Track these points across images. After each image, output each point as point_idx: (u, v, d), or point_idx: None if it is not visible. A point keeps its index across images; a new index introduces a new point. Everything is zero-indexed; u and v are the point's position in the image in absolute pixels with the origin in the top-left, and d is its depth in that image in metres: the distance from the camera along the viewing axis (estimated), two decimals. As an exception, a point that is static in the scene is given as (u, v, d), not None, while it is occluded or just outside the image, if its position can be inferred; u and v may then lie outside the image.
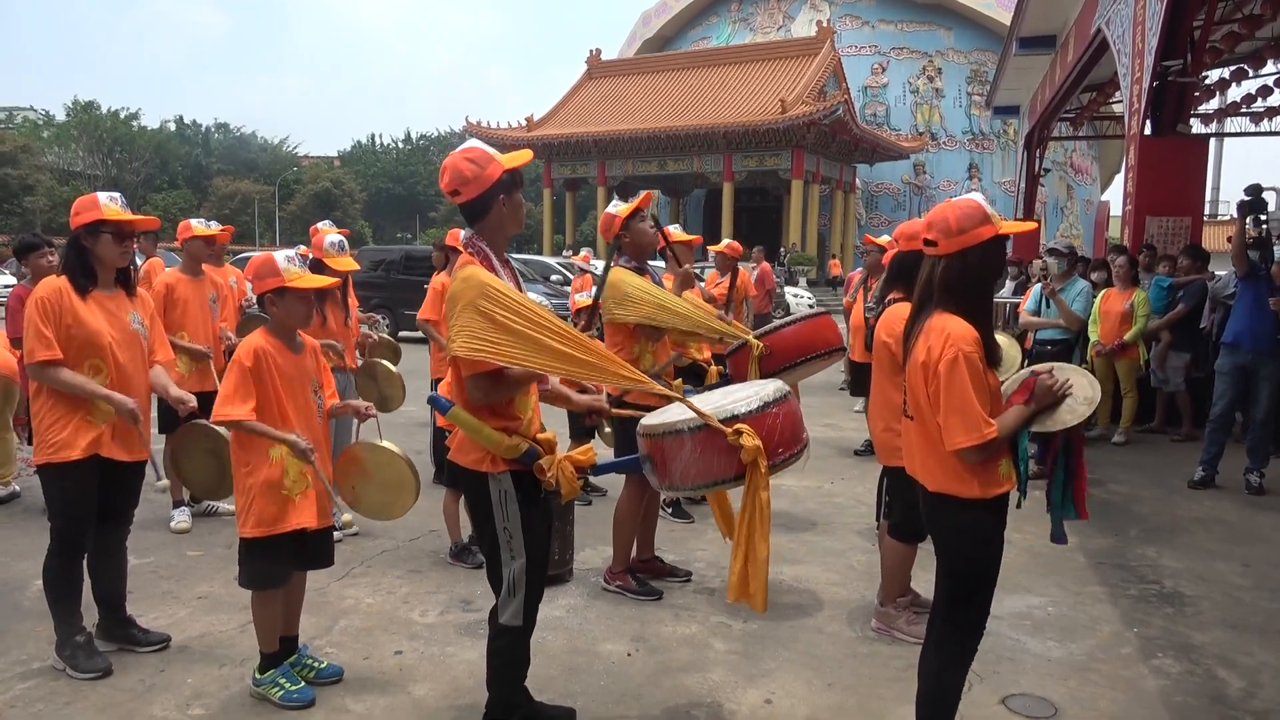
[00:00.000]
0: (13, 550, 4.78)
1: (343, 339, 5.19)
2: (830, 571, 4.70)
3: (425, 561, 4.77)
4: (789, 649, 3.73)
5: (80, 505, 3.34)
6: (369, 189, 61.91)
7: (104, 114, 54.69)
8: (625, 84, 40.43)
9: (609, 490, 6.10)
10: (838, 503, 6.13)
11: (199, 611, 4.03)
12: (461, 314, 2.53)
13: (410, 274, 16.19)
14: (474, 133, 39.22)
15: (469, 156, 2.66)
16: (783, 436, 2.76)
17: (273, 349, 3.14)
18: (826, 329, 4.42)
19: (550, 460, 2.73)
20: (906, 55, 42.69)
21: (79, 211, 3.36)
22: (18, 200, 45.30)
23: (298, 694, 3.17)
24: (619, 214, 4.21)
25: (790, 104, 32.86)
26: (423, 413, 7.72)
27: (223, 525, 5.33)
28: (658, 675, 3.49)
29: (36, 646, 3.59)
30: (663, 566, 4.54)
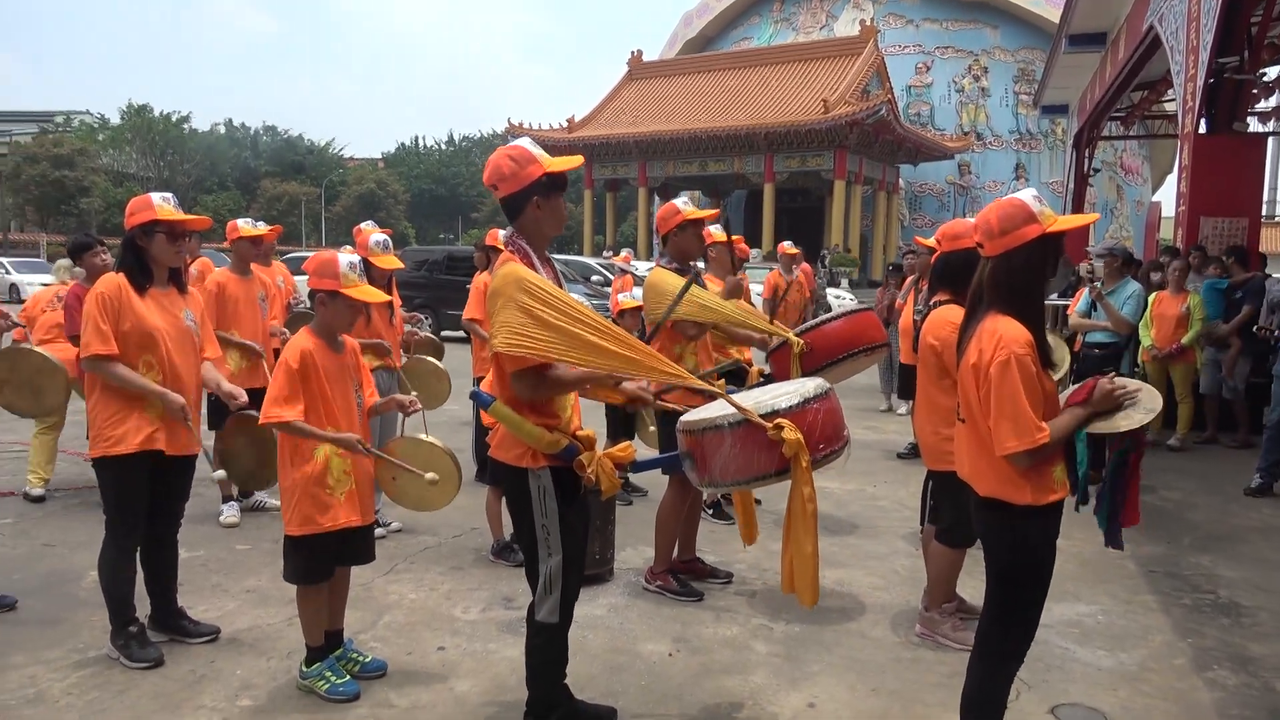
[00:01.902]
0: (69, 541, 4.91)
1: (387, 337, 5.25)
2: (873, 575, 4.65)
3: (467, 559, 4.81)
4: (832, 653, 3.70)
5: (134, 499, 3.42)
6: (412, 190, 62.65)
7: (157, 117, 55.98)
8: (666, 85, 40.43)
9: (650, 490, 6.10)
10: (881, 506, 6.06)
11: (247, 604, 4.10)
12: (503, 310, 2.55)
13: (452, 274, 16.34)
14: (516, 134, 39.42)
15: (511, 154, 2.68)
16: (824, 432, 2.73)
17: (316, 349, 3.18)
18: (869, 325, 4.36)
19: (590, 457, 2.73)
20: (952, 54, 42.14)
21: (133, 212, 3.44)
22: (74, 201, 46.58)
23: (343, 687, 3.21)
24: (685, 214, 4.17)
25: (833, 104, 32.61)
26: (465, 411, 7.77)
27: (270, 520, 5.42)
28: (699, 676, 3.47)
29: (92, 635, 3.68)
30: (704, 568, 4.52)
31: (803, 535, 2.71)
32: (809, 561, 2.72)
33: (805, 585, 2.74)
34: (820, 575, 2.89)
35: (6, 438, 7.26)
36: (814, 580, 2.74)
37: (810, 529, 2.70)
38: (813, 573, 2.73)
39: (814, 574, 2.74)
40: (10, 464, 6.52)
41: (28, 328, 5.70)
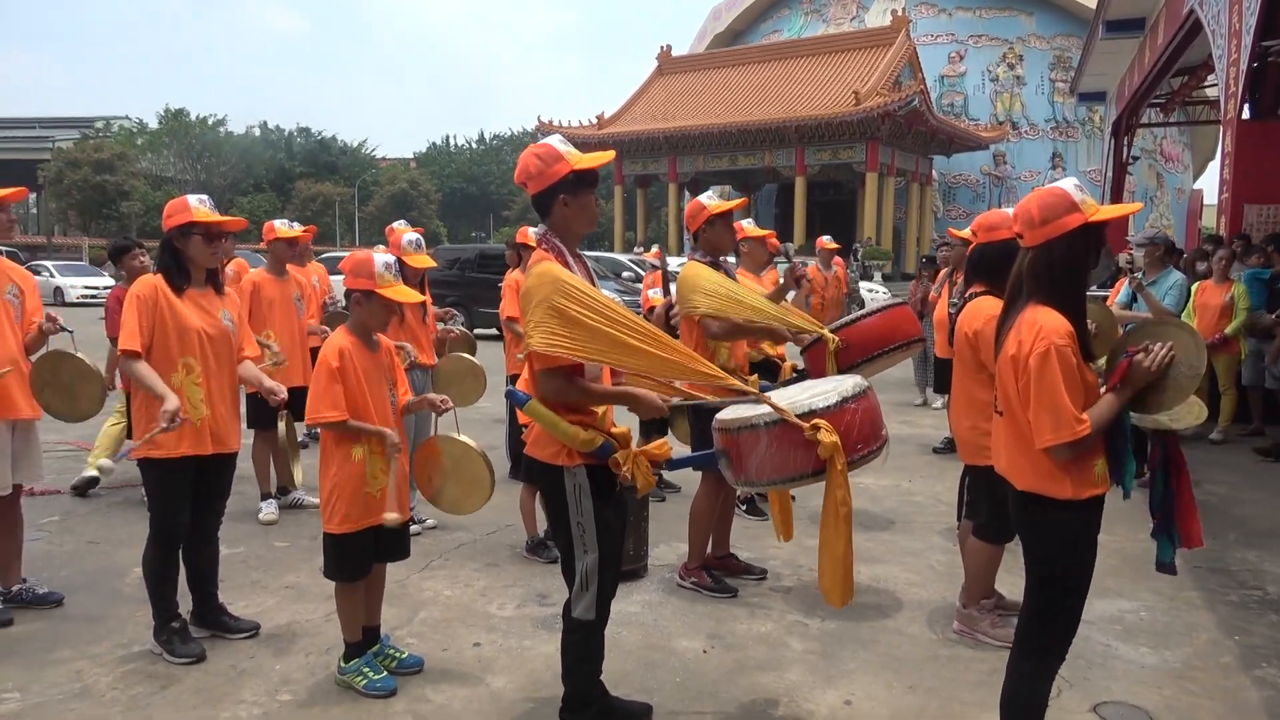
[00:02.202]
0: (113, 538, 5.00)
1: (420, 336, 5.28)
2: (909, 572, 4.60)
3: (502, 555, 4.83)
4: (868, 650, 3.66)
5: (176, 499, 3.47)
6: (444, 189, 63.10)
7: (193, 121, 56.90)
8: (696, 79, 40.31)
9: (683, 487, 6.09)
10: (916, 501, 6.00)
11: (286, 600, 4.15)
12: (537, 309, 2.55)
13: (484, 272, 16.44)
14: (546, 131, 39.52)
15: (538, 153, 2.68)
16: (861, 432, 2.70)
17: (352, 347, 3.21)
18: (904, 320, 4.30)
19: (625, 454, 2.73)
20: (985, 43, 41.57)
21: (171, 214, 3.49)
22: (115, 205, 47.50)
23: (380, 683, 3.24)
24: (711, 209, 4.16)
25: (864, 96, 32.33)
26: (499, 408, 7.82)
27: (308, 517, 5.49)
28: (734, 673, 3.46)
29: (136, 631, 3.74)
30: (738, 564, 4.51)
31: (834, 537, 2.69)
32: (840, 563, 2.71)
33: (835, 585, 2.73)
34: (855, 572, 2.87)
35: (51, 437, 7.42)
36: (844, 581, 2.72)
37: (843, 532, 2.68)
38: (844, 573, 2.71)
39: (845, 575, 2.72)
40: (56, 463, 6.66)
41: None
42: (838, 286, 9.76)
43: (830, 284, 9.60)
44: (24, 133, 69.56)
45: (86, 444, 7.31)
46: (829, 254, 9.69)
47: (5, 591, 3.99)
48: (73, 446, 7.29)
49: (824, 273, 9.67)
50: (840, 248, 10.08)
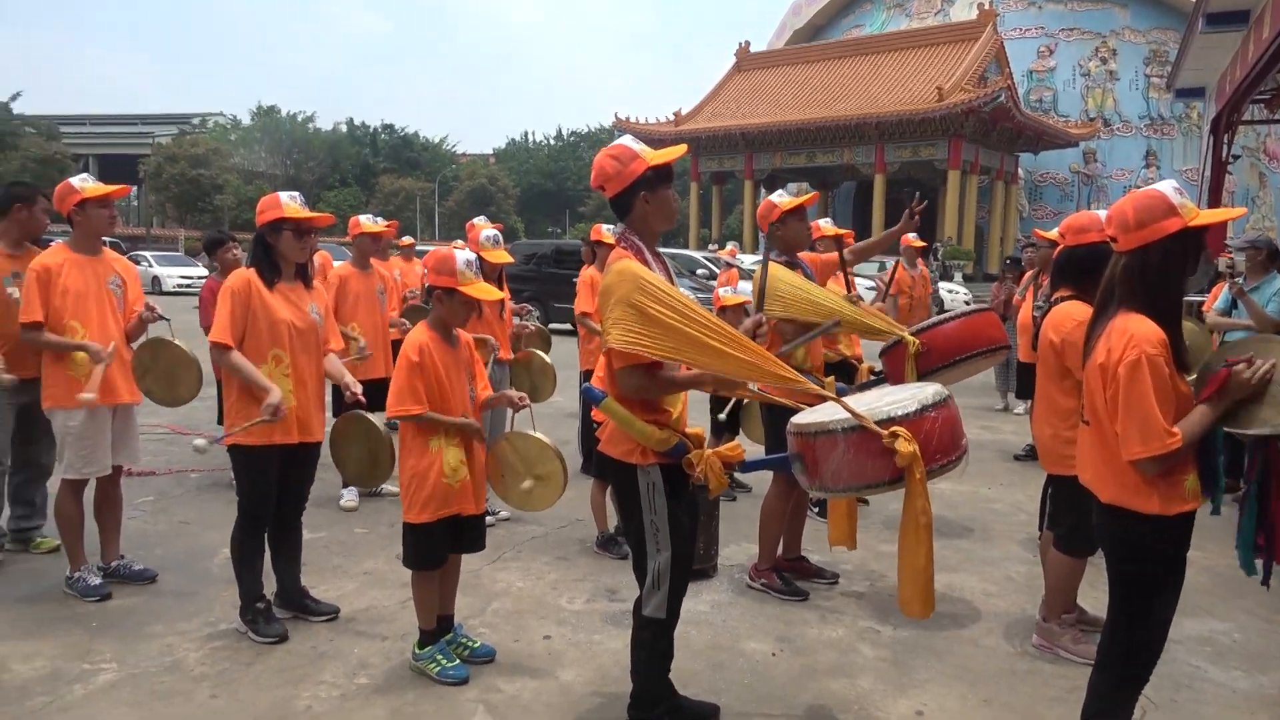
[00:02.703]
0: (204, 521, 5.22)
1: (497, 331, 5.37)
2: (987, 582, 4.50)
3: (572, 549, 4.88)
4: (942, 660, 3.59)
5: (263, 485, 3.60)
6: (522, 185, 63.88)
7: (284, 117, 58.85)
8: (774, 75, 39.93)
9: (754, 487, 6.06)
10: (996, 510, 5.86)
11: (364, 586, 4.27)
12: (616, 307, 2.56)
13: (560, 267, 16.60)
14: (623, 128, 39.75)
15: (613, 154, 2.69)
16: (941, 442, 2.65)
17: (433, 342, 3.28)
18: (989, 325, 4.19)
19: (699, 455, 2.73)
20: (1077, 36, 40.16)
21: (263, 210, 3.62)
22: (209, 199, 49.39)
23: (454, 671, 3.31)
24: (782, 205, 4.13)
25: (948, 91, 31.57)
26: (571, 403, 7.91)
27: (387, 505, 5.63)
28: (803, 677, 3.43)
29: (223, 610, 3.90)
30: (809, 567, 4.46)
31: (915, 547, 2.65)
32: (920, 574, 2.66)
33: (915, 596, 2.69)
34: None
35: (149, 420, 7.76)
36: (925, 591, 2.68)
37: (923, 542, 2.64)
38: (924, 584, 2.67)
39: (926, 585, 2.68)
40: (151, 445, 6.96)
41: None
42: (924, 286, 9.40)
43: (917, 283, 9.24)
44: (126, 129, 72.96)
45: (180, 428, 7.65)
46: (915, 252, 9.32)
47: (105, 567, 4.21)
48: (167, 430, 7.61)
49: (910, 271, 9.32)
50: (926, 245, 9.77)
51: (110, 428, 4.07)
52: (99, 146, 68.59)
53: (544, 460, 3.41)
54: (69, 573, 4.08)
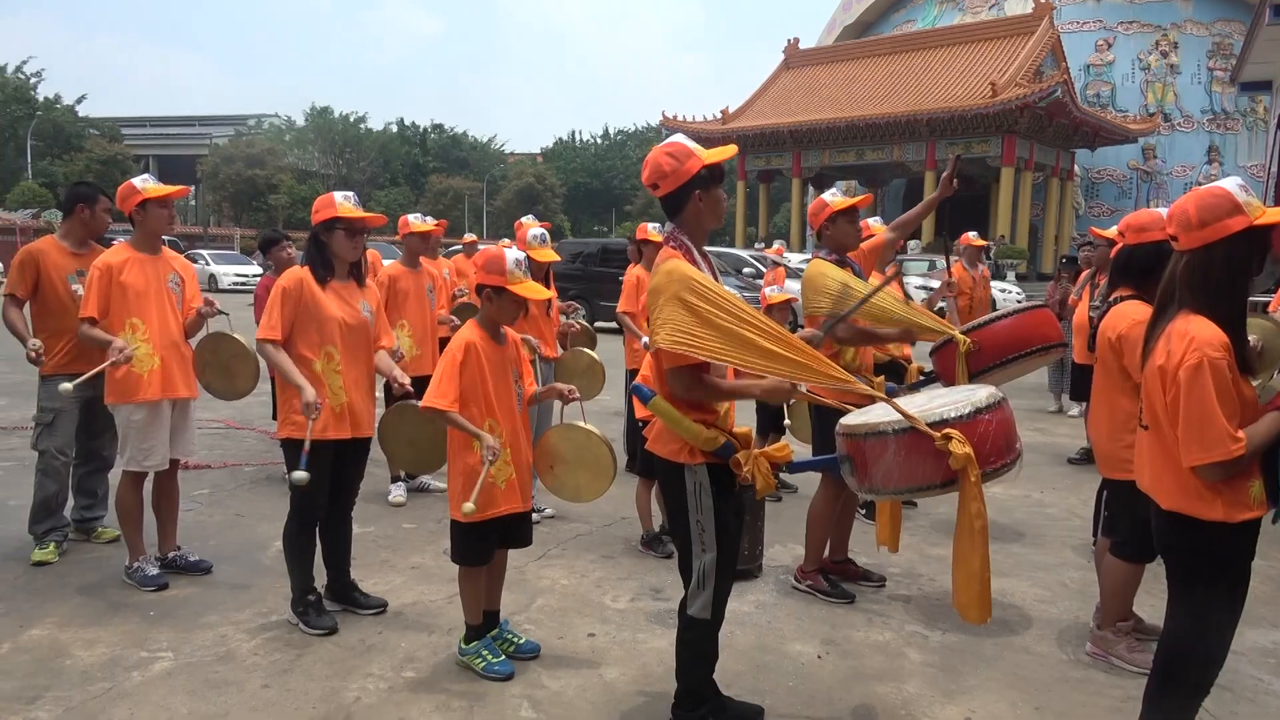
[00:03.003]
0: (256, 513, 5.33)
1: (544, 329, 5.40)
2: (1039, 587, 4.40)
3: (617, 548, 4.89)
4: (992, 667, 3.52)
5: (316, 477, 3.66)
6: (569, 184, 64.21)
7: (337, 118, 59.91)
8: (823, 72, 39.55)
9: (800, 487, 6.01)
10: (1049, 514, 5.74)
11: (412, 580, 4.33)
12: (665, 307, 2.56)
13: (606, 266, 16.65)
14: (670, 127, 39.69)
15: (669, 151, 2.69)
16: (995, 445, 2.60)
17: (480, 340, 3.30)
18: (1044, 323, 4.09)
19: (746, 455, 2.71)
20: (1136, 29, 39.10)
21: (318, 209, 3.68)
22: (264, 198, 50.49)
23: (499, 666, 3.34)
24: (833, 205, 4.09)
25: (1002, 87, 30.98)
26: (617, 401, 7.92)
27: (434, 501, 5.70)
28: (849, 681, 3.39)
29: (275, 601, 3.98)
30: (856, 569, 4.41)
31: (970, 552, 2.60)
32: (975, 578, 2.61)
33: (971, 601, 2.63)
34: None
35: (205, 415, 7.96)
36: (981, 596, 2.62)
37: (978, 546, 2.58)
38: (980, 589, 2.61)
39: (981, 590, 2.61)
40: (206, 439, 7.14)
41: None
42: (985, 287, 9.02)
43: (978, 284, 8.86)
44: (185, 130, 74.94)
45: (235, 423, 7.83)
46: (976, 252, 8.91)
47: (162, 557, 4.32)
48: (222, 425, 7.79)
49: (970, 271, 8.97)
50: (987, 244, 9.50)
51: (169, 422, 4.18)
52: (158, 147, 70.58)
53: (593, 450, 3.41)
54: (128, 562, 4.20)
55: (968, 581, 2.63)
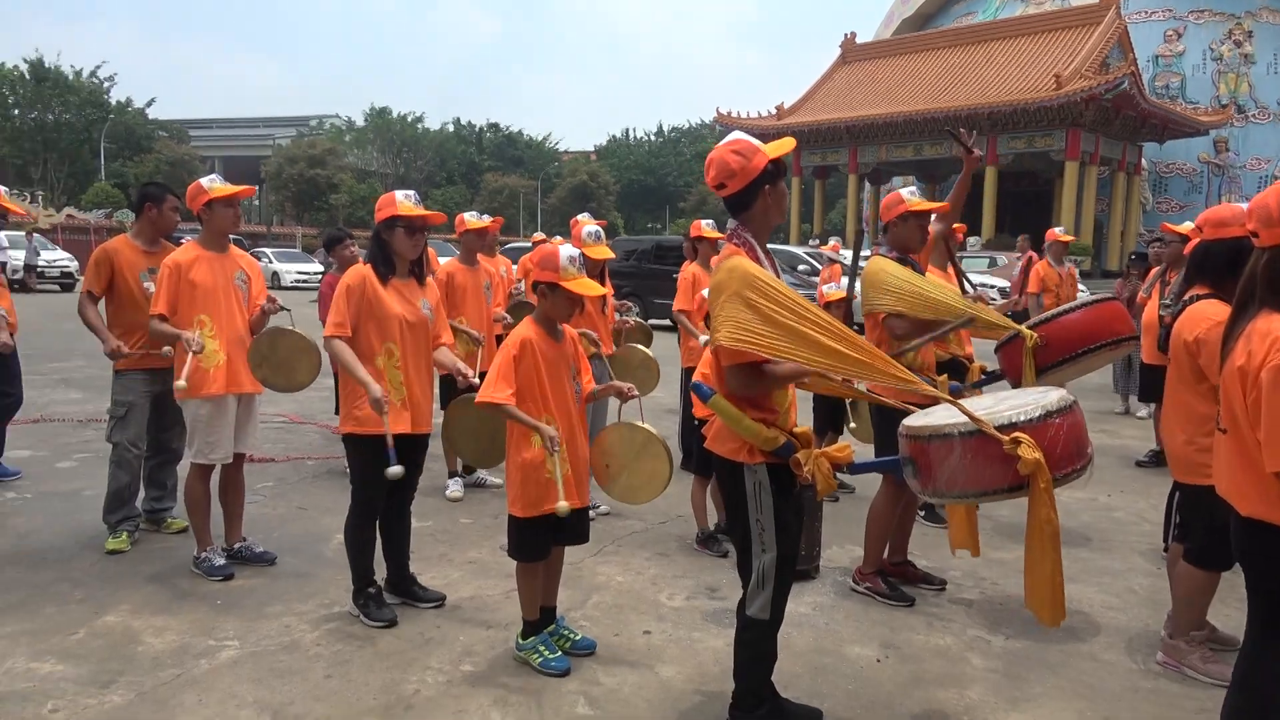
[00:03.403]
0: (319, 506, 5.43)
1: (599, 326, 5.41)
2: (1107, 594, 4.28)
3: (672, 545, 4.88)
4: (1057, 674, 3.43)
5: (376, 474, 3.71)
6: (622, 181, 64.40)
7: (395, 118, 60.92)
8: (881, 66, 39.02)
9: (858, 488, 5.93)
10: (1116, 518, 5.57)
11: (469, 575, 4.37)
12: (727, 304, 2.54)
13: (660, 263, 16.63)
14: (724, 123, 39.53)
15: (735, 149, 2.66)
16: (1066, 449, 2.52)
17: (537, 337, 3.31)
18: (1114, 317, 3.95)
19: (807, 455, 2.67)
20: (1208, 18, 37.79)
21: (380, 208, 3.73)
22: (325, 197, 51.57)
23: (555, 662, 3.35)
24: (909, 205, 4.00)
25: (1066, 79, 30.24)
26: (670, 399, 7.91)
27: (490, 496, 5.75)
28: (909, 686, 3.33)
29: (337, 592, 4.05)
30: (915, 572, 4.34)
31: (1041, 558, 2.54)
32: (1048, 582, 2.55)
33: (1044, 603, 2.58)
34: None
35: (268, 409, 8.14)
36: (1054, 599, 2.56)
37: (1049, 552, 2.52)
38: (1052, 592, 2.55)
39: (1054, 593, 2.55)
40: (271, 433, 7.30)
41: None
42: (1072, 285, 8.47)
43: (1065, 282, 8.34)
44: (249, 131, 76.92)
45: (297, 417, 8.00)
46: (1062, 248, 8.52)
47: (229, 548, 4.43)
48: (286, 419, 7.97)
49: (1057, 269, 8.43)
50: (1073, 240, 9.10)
51: (234, 417, 4.28)
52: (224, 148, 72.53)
53: (650, 452, 3.40)
54: (196, 553, 4.31)
55: (1040, 585, 2.58)
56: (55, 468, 6.19)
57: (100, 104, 52.41)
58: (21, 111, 50.18)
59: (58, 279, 25.46)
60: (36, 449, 6.68)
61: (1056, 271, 8.28)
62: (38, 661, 3.35)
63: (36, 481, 5.80)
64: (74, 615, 3.77)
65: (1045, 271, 8.43)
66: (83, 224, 37.62)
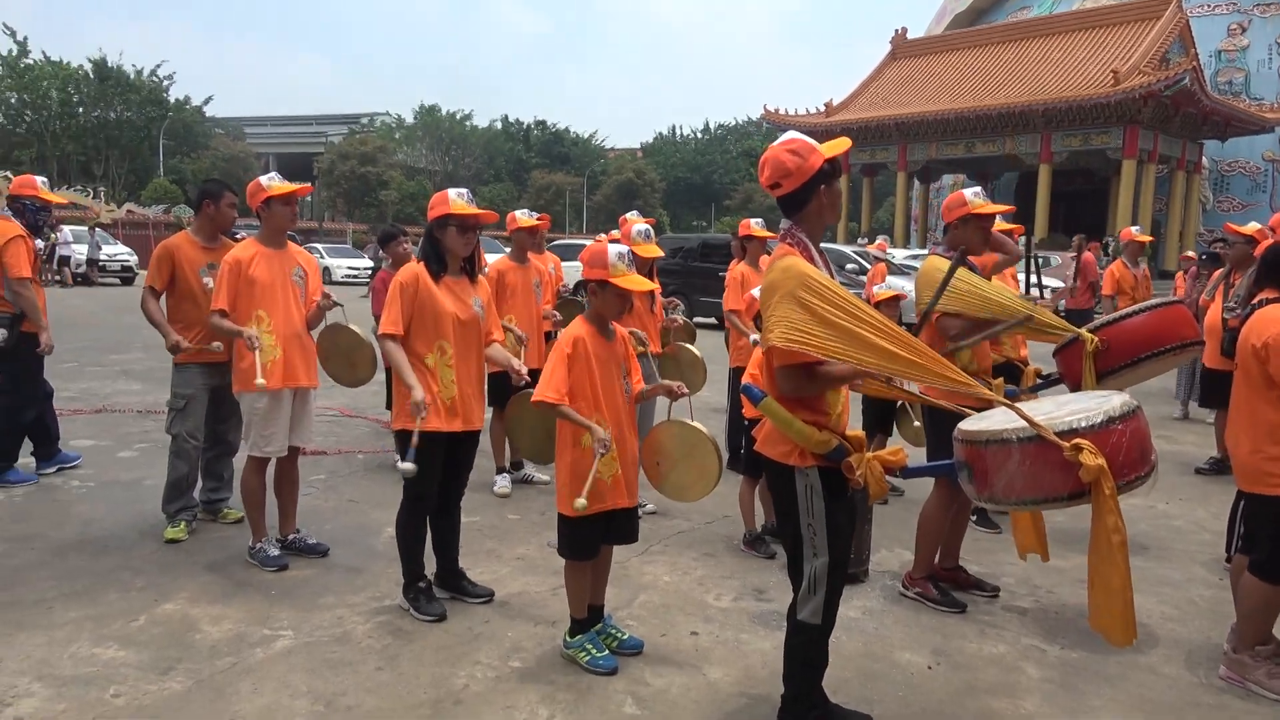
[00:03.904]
0: (370, 500, 5.51)
1: (648, 324, 5.40)
2: (1165, 605, 4.17)
3: (719, 546, 4.86)
4: (1115, 687, 3.35)
5: (428, 470, 3.75)
6: (668, 178, 64.34)
7: (444, 116, 61.56)
8: (932, 62, 38.42)
9: (907, 490, 5.85)
10: (1175, 526, 5.43)
11: (517, 571, 4.40)
12: (780, 304, 2.52)
13: (706, 261, 16.56)
14: (772, 121, 39.26)
15: (791, 148, 2.63)
16: (1129, 456, 2.45)
17: (588, 336, 3.32)
18: (1179, 321, 3.83)
19: (859, 459, 2.64)
20: (1274, 11, 36.51)
21: (433, 206, 3.77)
22: (375, 194, 52.28)
23: (603, 661, 3.36)
24: (972, 207, 3.91)
25: (1124, 75, 29.48)
26: (717, 398, 7.88)
27: (537, 493, 5.78)
28: (961, 694, 3.28)
29: (388, 586, 4.10)
30: (968, 578, 4.26)
31: (1108, 569, 2.45)
32: (1118, 597, 2.45)
33: (1114, 621, 2.47)
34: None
35: (320, 402, 8.28)
36: (1124, 616, 2.46)
37: (1118, 563, 2.44)
38: (1122, 608, 2.46)
39: (1125, 610, 2.46)
40: (323, 425, 7.42)
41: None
42: (1147, 286, 7.96)
43: (1140, 284, 7.85)
44: (303, 129, 78.28)
45: (348, 410, 8.11)
46: (1138, 248, 8.00)
47: (283, 539, 4.51)
48: (337, 413, 8.09)
49: (1131, 270, 7.91)
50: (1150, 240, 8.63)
51: (290, 410, 4.35)
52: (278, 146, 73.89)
53: (701, 450, 3.39)
54: (251, 543, 4.40)
55: (1108, 601, 2.48)
56: (117, 457, 6.36)
57: (160, 102, 53.75)
58: (86, 109, 51.67)
59: (118, 273, 26.21)
60: (99, 438, 6.87)
61: (1132, 273, 7.86)
62: (100, 647, 3.44)
63: (99, 470, 5.96)
64: (135, 602, 3.87)
65: (1120, 273, 7.96)
66: (142, 219, 38.66)
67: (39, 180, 5.60)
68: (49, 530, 4.75)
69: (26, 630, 3.56)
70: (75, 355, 11.23)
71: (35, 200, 5.50)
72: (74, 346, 12.05)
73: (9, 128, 50.41)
